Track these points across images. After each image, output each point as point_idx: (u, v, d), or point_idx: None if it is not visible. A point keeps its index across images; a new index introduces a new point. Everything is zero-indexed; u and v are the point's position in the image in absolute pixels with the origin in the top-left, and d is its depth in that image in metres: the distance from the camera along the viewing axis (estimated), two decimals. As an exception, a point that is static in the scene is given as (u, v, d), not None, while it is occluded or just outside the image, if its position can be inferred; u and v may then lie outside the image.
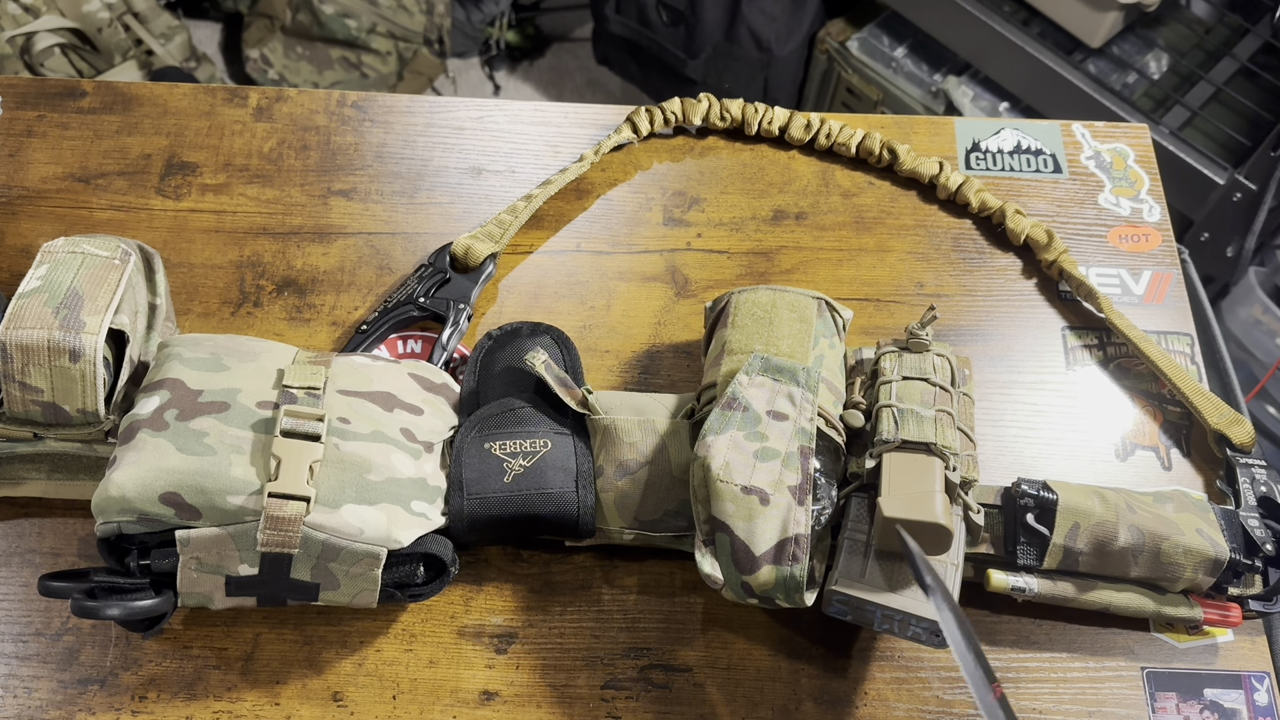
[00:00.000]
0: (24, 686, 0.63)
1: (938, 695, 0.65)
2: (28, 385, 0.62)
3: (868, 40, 1.80)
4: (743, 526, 0.60)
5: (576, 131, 0.89)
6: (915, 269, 0.82)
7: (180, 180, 0.84)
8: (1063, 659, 0.66)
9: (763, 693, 0.65)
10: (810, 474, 0.62)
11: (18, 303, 0.63)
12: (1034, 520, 0.63)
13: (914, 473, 0.60)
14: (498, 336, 0.73)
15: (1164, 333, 0.80)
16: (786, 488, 0.61)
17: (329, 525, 0.59)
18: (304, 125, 0.87)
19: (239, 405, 0.61)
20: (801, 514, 0.61)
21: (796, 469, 0.62)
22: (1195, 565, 0.63)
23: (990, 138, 0.90)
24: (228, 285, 0.79)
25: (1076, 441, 0.75)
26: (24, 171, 0.83)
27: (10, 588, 0.66)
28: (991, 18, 1.60)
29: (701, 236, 0.83)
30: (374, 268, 0.80)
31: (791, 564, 0.60)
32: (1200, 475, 0.74)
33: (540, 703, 0.64)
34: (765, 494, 0.61)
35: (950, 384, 0.66)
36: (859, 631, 0.67)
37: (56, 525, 0.68)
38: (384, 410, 0.64)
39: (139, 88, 0.89)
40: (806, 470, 0.62)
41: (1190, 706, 0.65)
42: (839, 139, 0.87)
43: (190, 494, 0.58)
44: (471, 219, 0.83)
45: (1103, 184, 0.88)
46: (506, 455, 0.65)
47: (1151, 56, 1.60)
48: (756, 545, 0.60)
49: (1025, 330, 0.80)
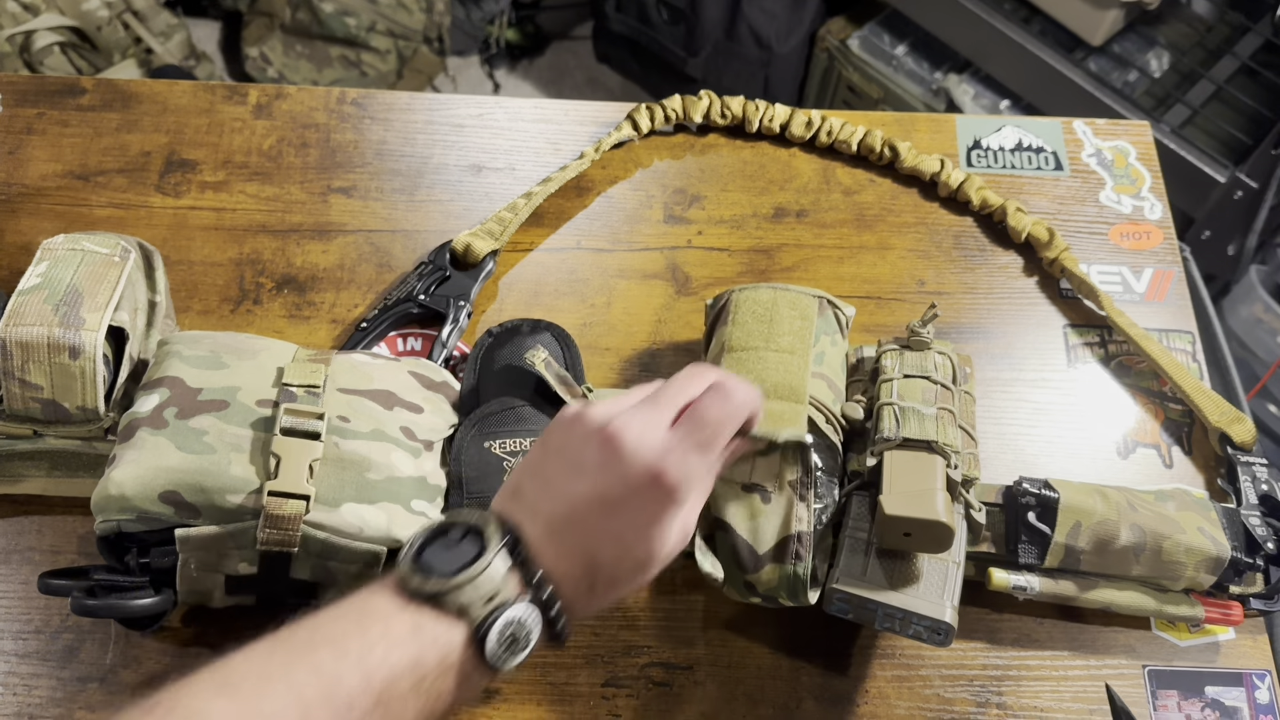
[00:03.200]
0: (23, 684, 0.63)
1: (939, 693, 0.65)
2: (27, 382, 0.62)
3: (868, 38, 1.80)
4: (745, 525, 0.60)
5: (577, 129, 0.89)
6: (916, 266, 0.82)
7: (180, 178, 0.84)
8: (1064, 657, 0.66)
9: (763, 691, 0.64)
10: (810, 468, 0.62)
11: (17, 300, 0.62)
12: (1035, 519, 0.63)
13: (915, 471, 0.60)
14: (498, 334, 0.73)
15: (1165, 331, 0.80)
16: (788, 483, 0.61)
17: (329, 524, 0.59)
18: (303, 123, 0.87)
19: (238, 403, 0.61)
20: (803, 510, 0.61)
21: (796, 463, 0.61)
22: (1197, 564, 0.63)
23: (991, 135, 0.90)
24: (227, 283, 0.79)
25: (1078, 439, 0.75)
26: (24, 169, 0.83)
27: (10, 585, 0.66)
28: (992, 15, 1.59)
29: (702, 234, 0.83)
30: (374, 265, 0.80)
31: (794, 562, 0.60)
32: (1201, 473, 0.74)
33: (541, 700, 0.64)
34: (766, 490, 0.61)
35: (951, 382, 0.66)
36: (860, 630, 0.66)
37: (56, 523, 0.68)
38: (384, 408, 0.64)
39: (138, 85, 0.89)
40: (807, 464, 0.62)
41: (1192, 704, 0.65)
42: (840, 136, 0.87)
43: (190, 492, 0.58)
44: (471, 216, 0.83)
45: (1104, 181, 0.87)
46: (506, 454, 0.65)
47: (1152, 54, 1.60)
48: (759, 543, 0.60)
49: (1026, 328, 0.80)
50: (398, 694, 0.46)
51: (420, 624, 0.47)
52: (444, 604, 0.47)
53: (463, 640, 0.47)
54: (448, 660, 0.47)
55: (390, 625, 0.47)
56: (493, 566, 0.48)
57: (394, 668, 0.45)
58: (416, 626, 0.47)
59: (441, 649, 0.47)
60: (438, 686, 0.47)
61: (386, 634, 0.46)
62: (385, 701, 0.45)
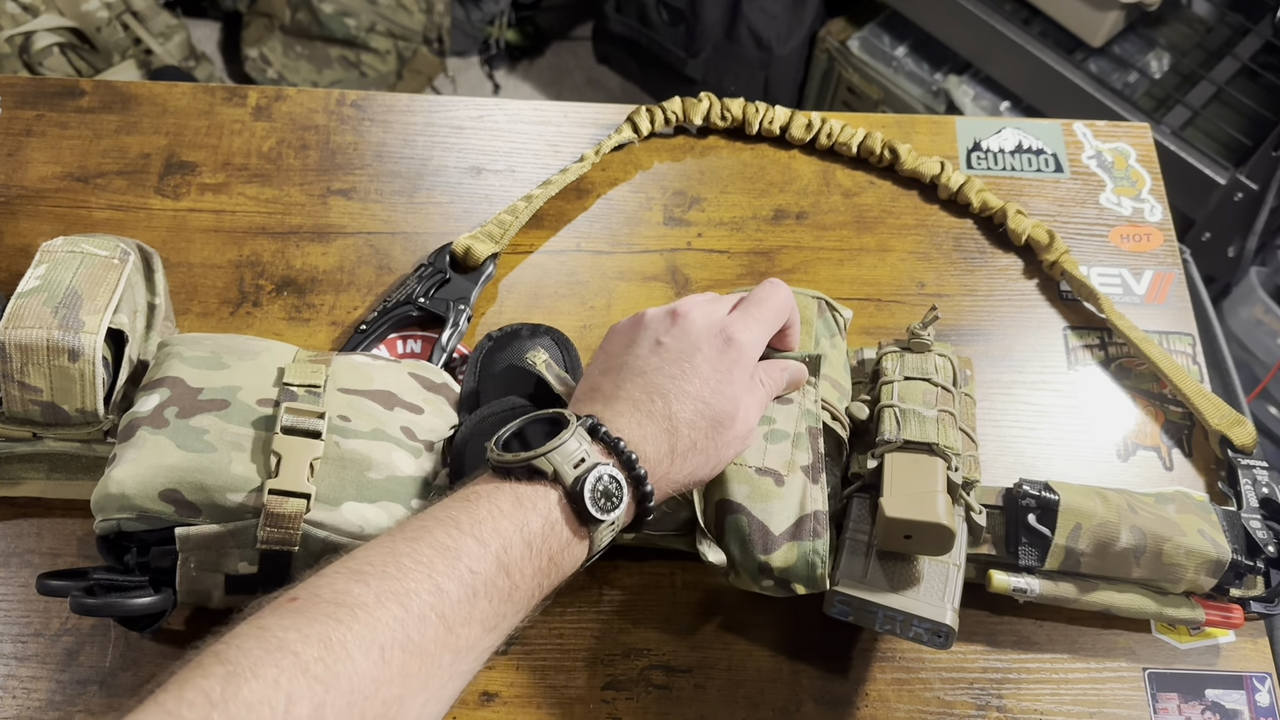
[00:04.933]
0: (23, 687, 0.63)
1: (939, 696, 0.65)
2: (26, 385, 0.62)
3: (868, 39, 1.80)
4: (759, 507, 0.60)
5: (577, 131, 0.89)
6: (916, 269, 0.82)
7: (179, 180, 0.84)
8: (1064, 660, 0.66)
9: (763, 694, 0.64)
10: (820, 454, 0.62)
11: (16, 302, 0.62)
12: (1036, 521, 0.63)
13: (916, 473, 0.60)
14: (498, 338, 0.73)
15: (1165, 333, 0.80)
16: (800, 468, 0.61)
17: (329, 523, 0.59)
18: (303, 124, 0.87)
19: (239, 403, 0.61)
20: (817, 491, 0.61)
21: (807, 449, 0.62)
22: (1197, 566, 0.63)
23: (991, 137, 0.90)
24: (227, 285, 0.79)
25: (1078, 442, 0.75)
26: (23, 171, 0.83)
27: (9, 588, 0.66)
28: (992, 17, 1.60)
29: (702, 236, 0.83)
30: (373, 267, 0.80)
31: (813, 539, 0.60)
32: (1202, 476, 0.74)
33: (540, 703, 0.64)
34: (779, 474, 0.61)
35: (952, 384, 0.66)
36: (860, 632, 0.66)
37: (55, 525, 0.68)
38: (384, 409, 0.64)
39: (138, 87, 0.89)
40: (817, 450, 0.62)
41: (1192, 707, 0.65)
42: (840, 138, 0.87)
43: (190, 491, 0.58)
44: (471, 219, 0.83)
45: (1104, 183, 0.87)
46: (507, 455, 0.65)
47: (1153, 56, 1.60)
48: (775, 524, 0.60)
49: (1027, 330, 0.80)
50: (514, 557, 0.50)
51: (519, 494, 0.52)
52: (537, 471, 0.52)
53: (560, 500, 0.52)
54: (551, 519, 0.52)
55: (494, 500, 0.52)
56: (576, 434, 0.53)
57: (505, 534, 0.50)
58: (516, 496, 0.52)
59: (543, 511, 0.52)
60: (549, 546, 0.52)
61: (493, 508, 0.51)
62: (504, 565, 0.50)
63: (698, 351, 0.57)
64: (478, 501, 0.51)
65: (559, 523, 0.52)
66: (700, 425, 0.56)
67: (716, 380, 0.57)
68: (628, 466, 0.54)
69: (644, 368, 0.57)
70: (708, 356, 0.57)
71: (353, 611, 0.45)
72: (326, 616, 0.45)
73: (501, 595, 0.50)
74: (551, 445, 0.52)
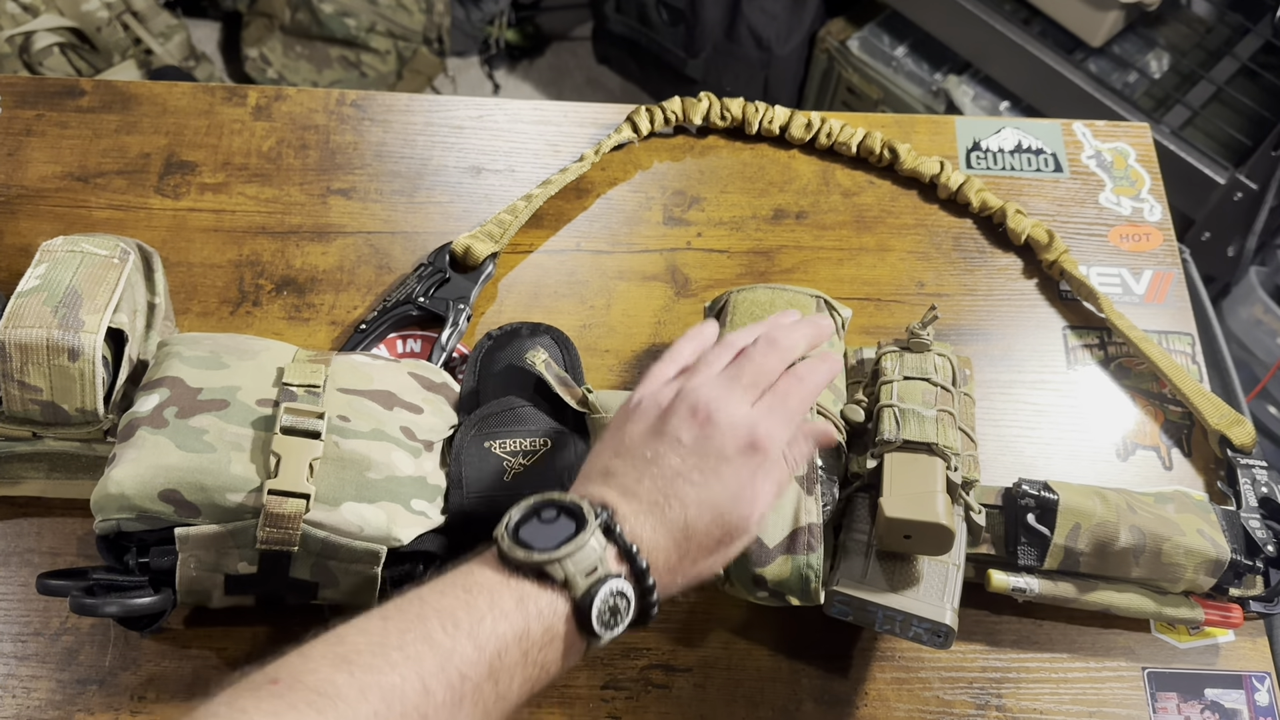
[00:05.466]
0: (23, 686, 0.63)
1: (938, 695, 0.65)
2: (26, 384, 0.62)
3: (868, 39, 1.80)
4: None
5: (576, 130, 0.89)
6: (916, 268, 0.82)
7: (179, 179, 0.84)
8: (1064, 659, 0.66)
9: (763, 693, 0.64)
10: (815, 465, 0.62)
11: (16, 301, 0.62)
12: (1035, 520, 0.63)
13: (915, 473, 0.60)
14: (497, 337, 0.73)
15: (1165, 332, 0.80)
16: (794, 478, 0.61)
17: (329, 523, 0.59)
18: (303, 124, 0.87)
19: (239, 403, 0.61)
20: (811, 503, 0.61)
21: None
22: (1196, 566, 0.63)
23: (991, 137, 0.90)
24: (227, 284, 0.79)
25: (1077, 441, 0.75)
26: (23, 170, 0.83)
27: (9, 587, 0.66)
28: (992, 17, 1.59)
29: (702, 236, 0.83)
30: (373, 267, 0.80)
31: (807, 552, 0.60)
32: (1201, 475, 0.74)
33: (540, 702, 0.64)
34: None
35: (951, 384, 0.66)
36: (860, 632, 0.66)
37: (55, 525, 0.68)
38: (384, 408, 0.64)
39: (138, 87, 0.89)
40: (812, 461, 0.62)
41: (1191, 707, 0.65)
42: (839, 138, 0.87)
43: (189, 491, 0.58)
44: (471, 218, 0.83)
45: (1104, 183, 0.87)
46: (506, 454, 0.65)
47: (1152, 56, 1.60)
48: (769, 537, 0.60)
49: (1026, 330, 0.80)
50: (507, 664, 0.47)
51: (525, 596, 0.49)
52: (548, 576, 0.49)
53: (567, 611, 0.49)
54: (553, 630, 0.49)
55: (496, 597, 0.48)
56: (594, 540, 0.50)
57: (503, 638, 0.47)
58: (521, 598, 0.49)
59: (547, 620, 0.49)
60: (544, 657, 0.49)
61: (494, 606, 0.48)
62: (495, 672, 0.47)
63: (724, 461, 0.54)
64: (479, 595, 0.48)
65: (559, 635, 0.49)
66: (714, 534, 0.54)
67: (738, 486, 0.54)
68: (639, 578, 0.51)
69: (664, 469, 0.54)
70: (734, 466, 0.54)
71: (334, 703, 0.43)
72: (306, 705, 0.43)
73: (487, 703, 0.47)
74: (567, 551, 0.49)
